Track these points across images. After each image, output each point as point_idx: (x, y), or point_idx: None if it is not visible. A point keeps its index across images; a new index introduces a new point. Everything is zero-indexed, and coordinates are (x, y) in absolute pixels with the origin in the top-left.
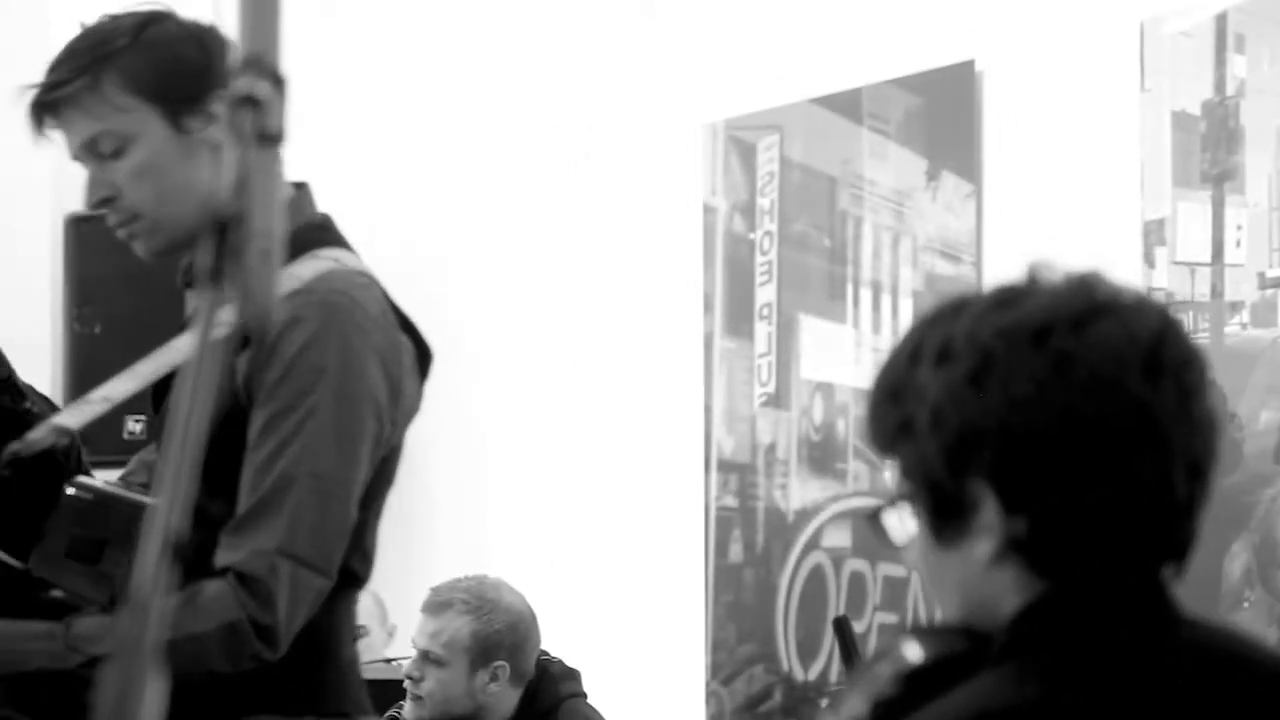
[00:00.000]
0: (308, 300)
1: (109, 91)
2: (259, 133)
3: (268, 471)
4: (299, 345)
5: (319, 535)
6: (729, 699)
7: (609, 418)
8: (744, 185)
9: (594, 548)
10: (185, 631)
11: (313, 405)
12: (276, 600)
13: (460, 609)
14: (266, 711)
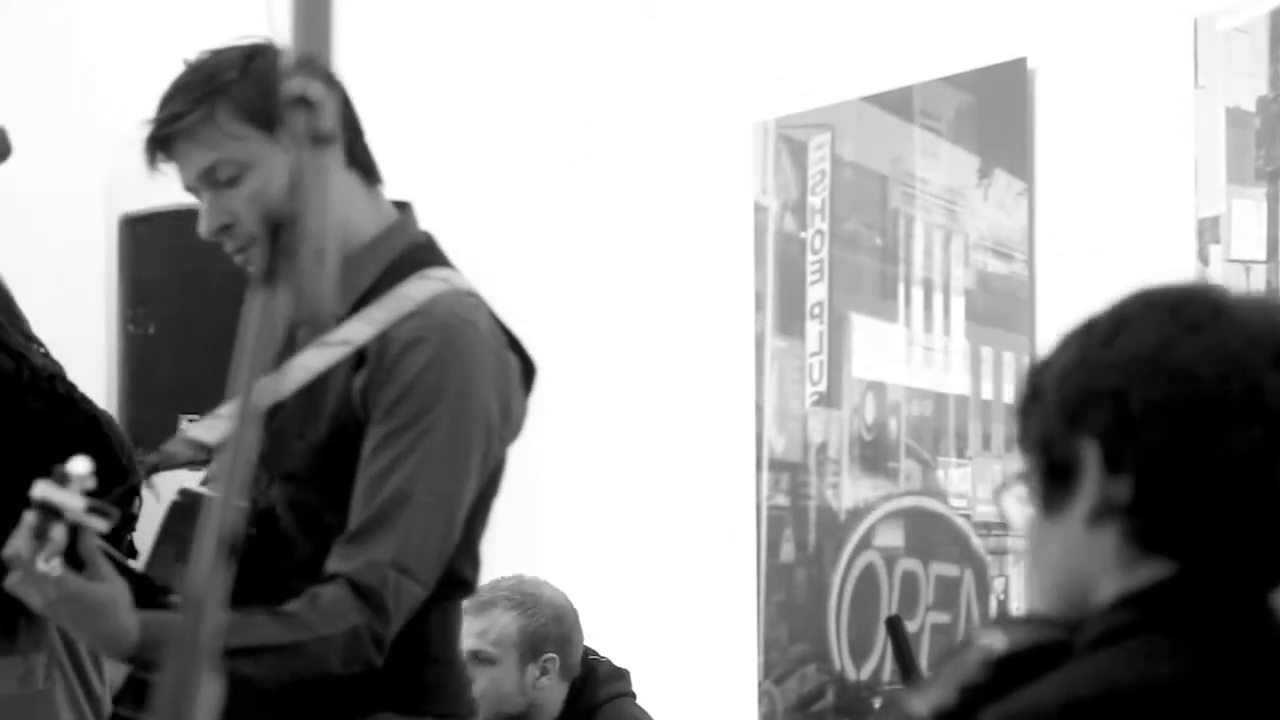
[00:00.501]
0: (426, 323)
1: (223, 121)
2: (312, 134)
3: (382, 486)
4: (419, 366)
5: (427, 550)
6: (781, 698)
7: (661, 417)
8: (795, 184)
9: (646, 547)
10: (317, 633)
11: (429, 424)
12: (389, 610)
13: (505, 605)
14: (390, 709)
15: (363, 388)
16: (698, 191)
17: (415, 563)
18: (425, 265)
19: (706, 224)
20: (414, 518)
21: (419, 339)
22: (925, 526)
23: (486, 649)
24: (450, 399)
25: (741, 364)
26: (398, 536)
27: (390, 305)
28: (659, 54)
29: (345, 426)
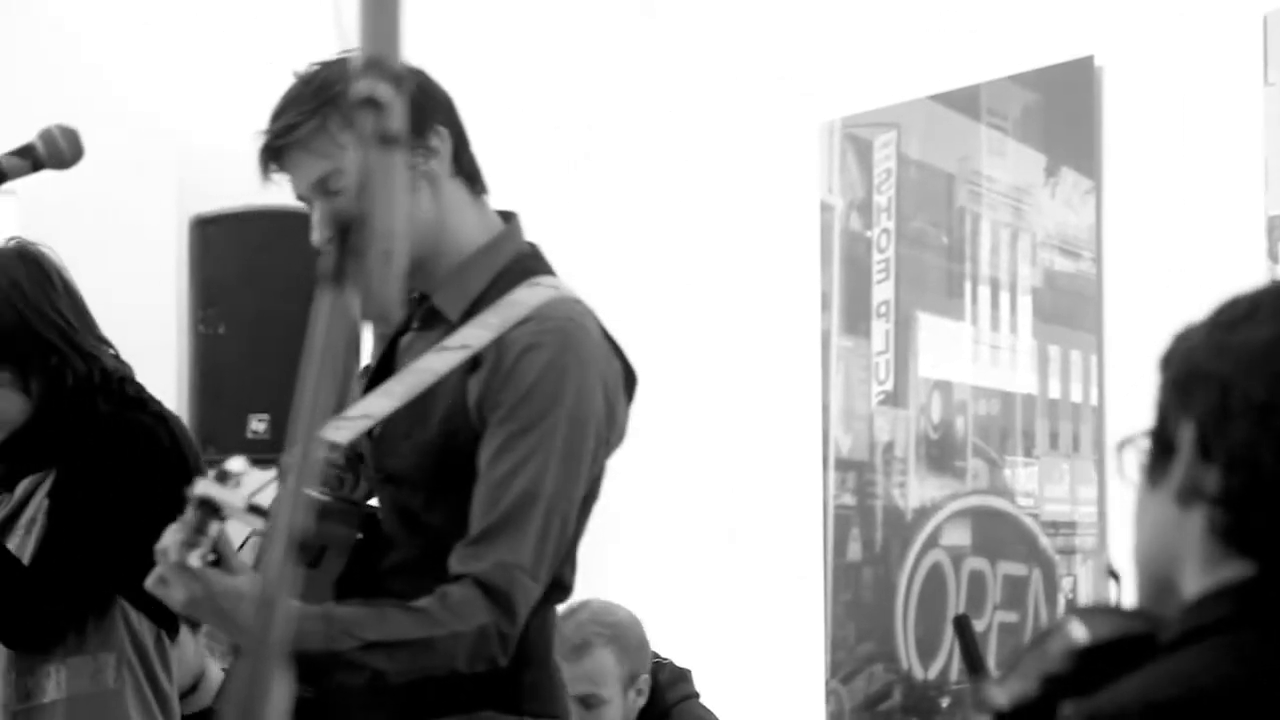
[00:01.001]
0: (543, 327)
1: (336, 132)
2: (380, 134)
3: (507, 488)
4: (538, 370)
5: (546, 551)
6: (848, 697)
7: (727, 417)
8: (861, 183)
9: (713, 547)
10: (448, 630)
11: (549, 427)
12: (516, 610)
13: (601, 643)
14: (492, 708)
15: (480, 392)
16: (764, 191)
17: (537, 565)
18: (533, 273)
19: (773, 223)
20: (537, 519)
21: (537, 343)
22: (992, 525)
23: (598, 692)
24: (568, 403)
25: (807, 363)
26: (524, 538)
27: (504, 311)
28: (727, 53)
29: (456, 430)
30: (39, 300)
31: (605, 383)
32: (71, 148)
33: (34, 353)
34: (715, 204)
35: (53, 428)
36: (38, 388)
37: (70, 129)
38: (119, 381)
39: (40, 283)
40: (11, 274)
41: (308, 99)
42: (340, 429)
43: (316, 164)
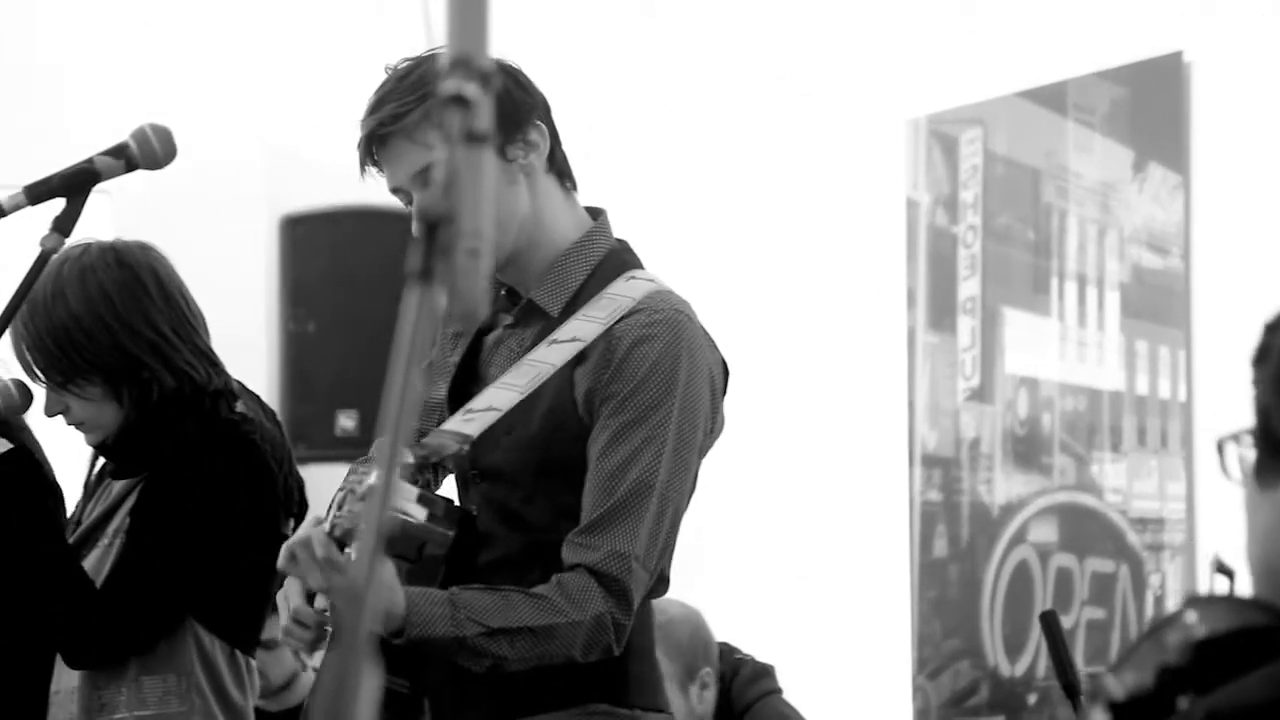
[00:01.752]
0: (653, 319)
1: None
2: (467, 132)
3: (621, 478)
4: (651, 360)
5: (659, 541)
6: (935, 694)
7: (813, 413)
8: (946, 179)
9: (798, 543)
10: (568, 618)
11: (662, 418)
12: (632, 600)
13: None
14: (603, 700)
15: (589, 385)
16: (850, 187)
17: (651, 555)
18: (628, 267)
19: (859, 220)
20: (652, 509)
21: (649, 335)
22: (1080, 522)
23: None
24: (680, 393)
25: (893, 360)
26: (638, 527)
27: (607, 304)
28: (813, 50)
29: (560, 424)
30: (129, 313)
31: (711, 374)
32: (164, 147)
33: (123, 366)
34: (802, 201)
35: (141, 439)
36: (129, 397)
37: (163, 128)
38: (211, 397)
39: (134, 293)
40: (104, 285)
41: (410, 89)
42: (470, 421)
43: (419, 154)
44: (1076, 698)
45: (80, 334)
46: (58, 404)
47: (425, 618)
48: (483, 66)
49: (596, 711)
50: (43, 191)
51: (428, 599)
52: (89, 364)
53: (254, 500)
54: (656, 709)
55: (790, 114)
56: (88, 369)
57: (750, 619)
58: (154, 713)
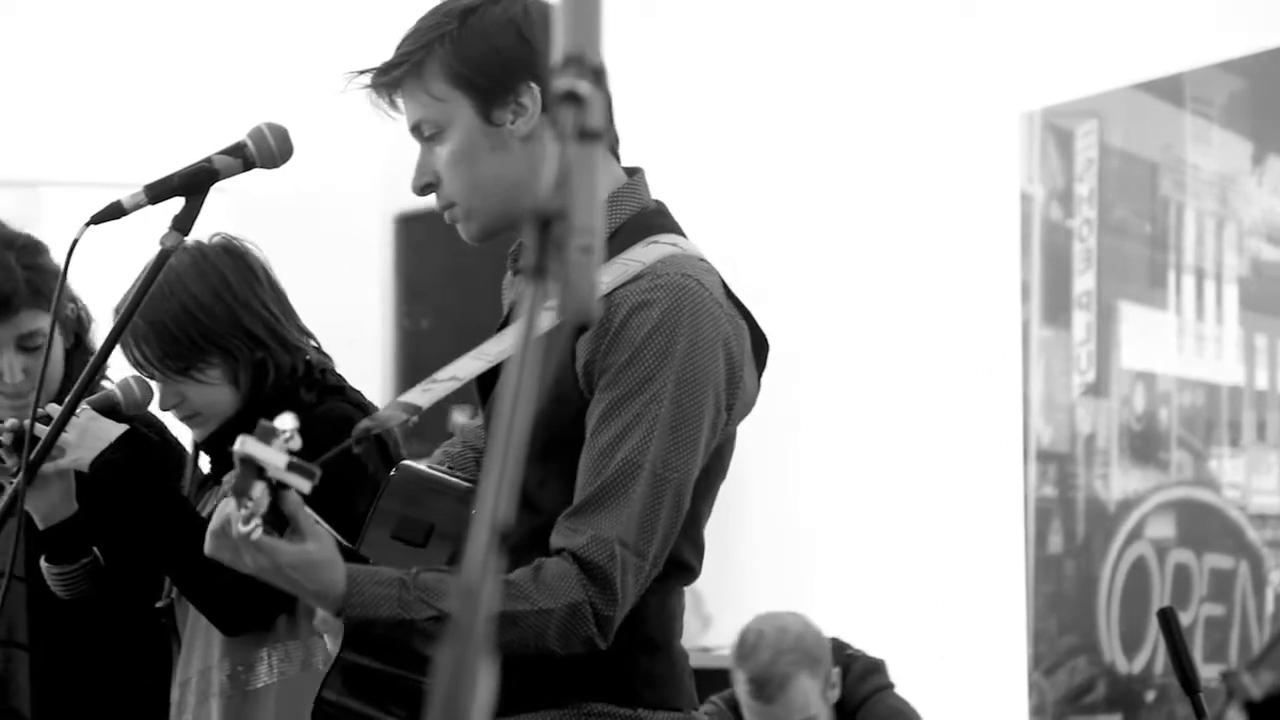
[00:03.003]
0: (655, 284)
1: (429, 80)
2: (579, 129)
3: (610, 457)
4: (648, 329)
5: (656, 527)
6: (1051, 690)
7: (927, 408)
8: (1061, 172)
9: (912, 538)
10: (536, 606)
11: (657, 391)
12: (616, 589)
13: (796, 671)
14: (601, 699)
15: (588, 355)
16: (964, 181)
17: (644, 540)
18: (656, 230)
19: (972, 214)
20: (643, 491)
21: (647, 301)
22: (1198, 518)
23: (809, 714)
24: (678, 362)
25: (1008, 354)
26: (627, 511)
27: (616, 269)
28: (927, 43)
29: (564, 397)
30: (245, 295)
31: (727, 343)
32: (281, 146)
33: (242, 346)
34: (917, 196)
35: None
36: (245, 380)
37: (280, 127)
38: (321, 372)
39: (246, 277)
40: (220, 269)
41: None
42: (427, 391)
43: (412, 109)
44: (1195, 695)
45: (202, 314)
46: (174, 396)
47: (368, 598)
48: (595, 64)
49: (592, 712)
50: (163, 190)
51: (373, 578)
52: (211, 344)
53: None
54: (671, 708)
55: (905, 108)
56: (209, 350)
57: (866, 615)
58: (299, 673)
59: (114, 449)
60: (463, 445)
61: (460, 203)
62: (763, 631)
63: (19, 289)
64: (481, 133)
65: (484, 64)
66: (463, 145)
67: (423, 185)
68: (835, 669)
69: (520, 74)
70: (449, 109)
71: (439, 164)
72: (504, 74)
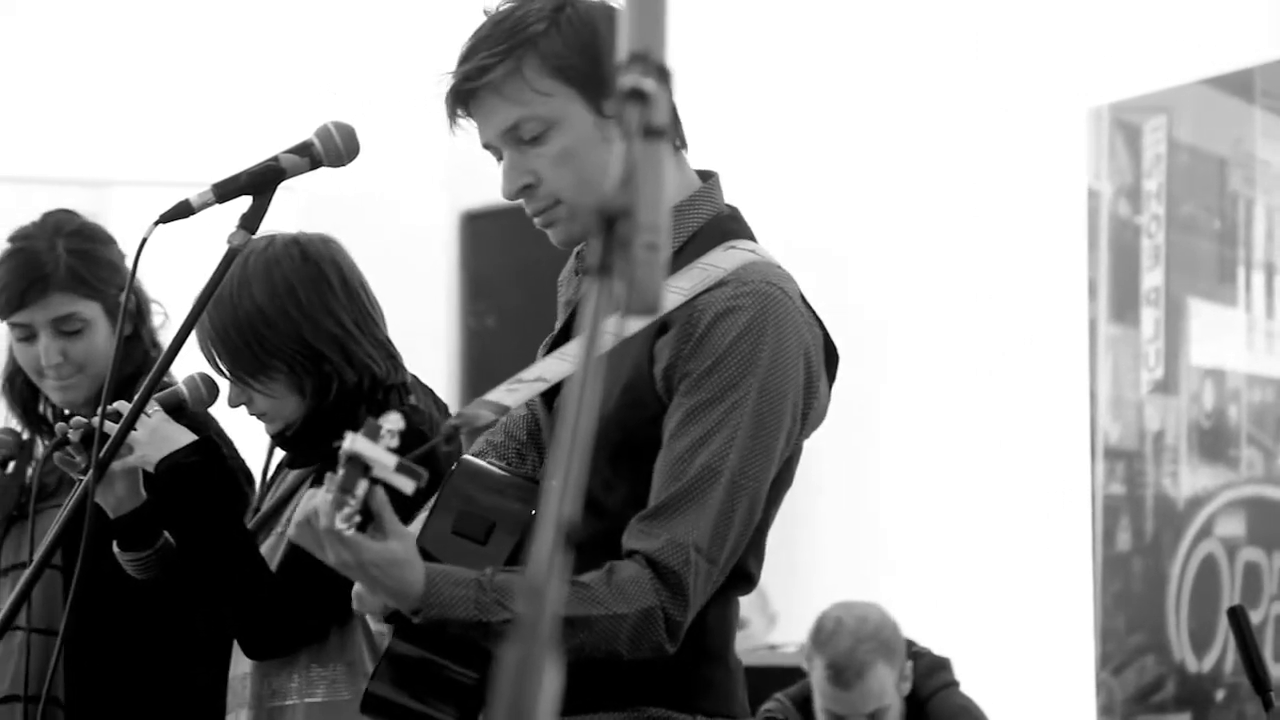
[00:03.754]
0: (740, 290)
1: (531, 76)
2: (645, 127)
3: (689, 462)
4: (733, 336)
5: (729, 534)
6: (1120, 689)
7: (994, 405)
8: (1129, 168)
9: (979, 535)
10: (610, 610)
11: (739, 399)
12: (688, 594)
13: (874, 659)
14: (660, 704)
15: (669, 359)
16: (1030, 177)
17: (717, 546)
18: (732, 236)
19: (1039, 210)
20: (720, 498)
21: (733, 307)
22: (1268, 515)
23: (884, 704)
24: (761, 371)
25: (1075, 351)
26: (703, 517)
27: (695, 274)
28: (994, 38)
29: (638, 400)
30: (314, 307)
31: (807, 353)
32: (348, 145)
33: (305, 359)
34: (983, 192)
35: (319, 430)
36: (310, 389)
37: (347, 126)
38: (386, 390)
39: (318, 286)
40: (289, 278)
41: (501, 38)
42: (514, 391)
43: (509, 110)
44: (1266, 694)
45: (265, 327)
46: (241, 395)
47: (446, 599)
48: (660, 61)
49: (652, 716)
50: (230, 189)
51: (450, 579)
52: (273, 356)
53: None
54: (727, 715)
55: (971, 103)
56: (271, 362)
57: (933, 613)
58: (323, 700)
59: (184, 453)
60: (505, 435)
61: (567, 200)
62: (842, 619)
63: (54, 272)
64: (593, 125)
65: (593, 54)
66: (573, 140)
67: (521, 187)
68: (909, 663)
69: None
70: (556, 104)
71: (541, 163)
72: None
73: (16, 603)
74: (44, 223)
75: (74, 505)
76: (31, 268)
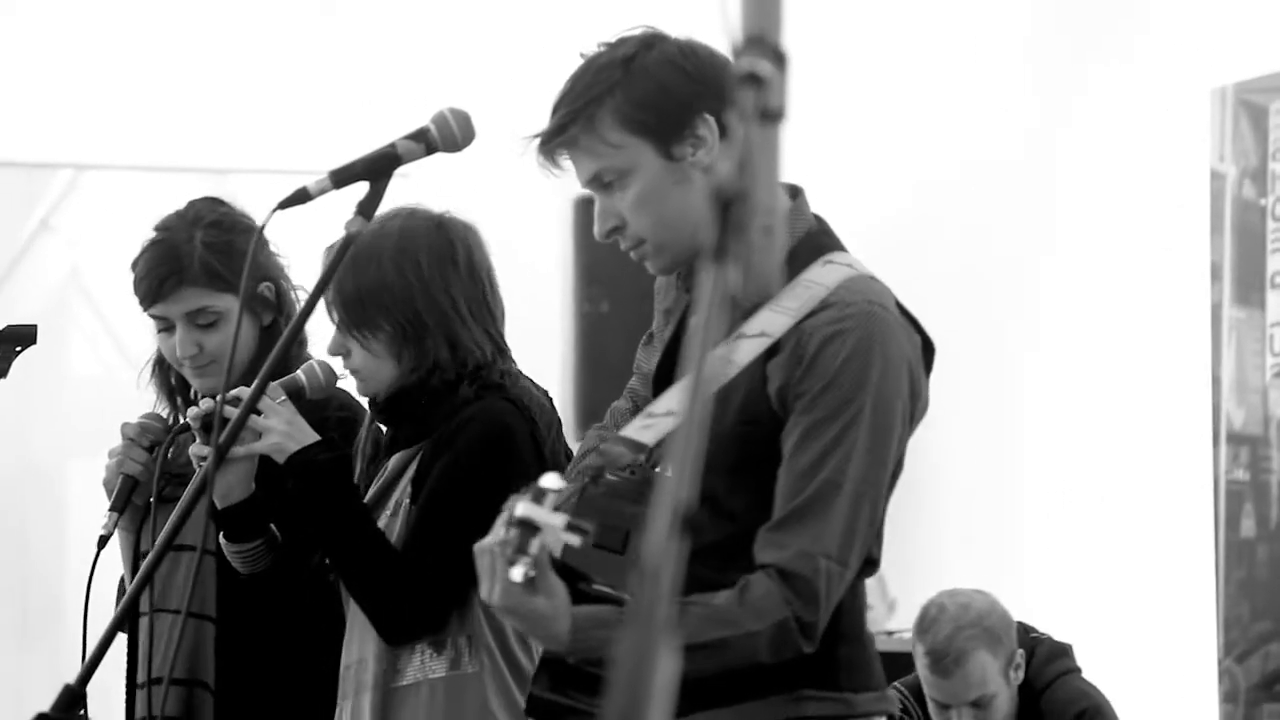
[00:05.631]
0: (844, 313)
1: (603, 131)
2: (761, 110)
3: (811, 477)
4: (842, 358)
5: (854, 538)
6: (1244, 677)
7: (1116, 390)
8: (1255, 150)
9: (1101, 522)
10: (743, 629)
11: (853, 415)
12: (820, 599)
13: (974, 646)
14: (810, 686)
15: (782, 381)
16: (1153, 159)
17: (845, 551)
18: (825, 250)
19: (1161, 192)
20: (844, 507)
21: (840, 331)
22: None
23: (988, 692)
24: (873, 389)
25: (1197, 335)
26: (829, 526)
27: (800, 293)
28: (1116, 17)
29: (755, 418)
30: (432, 279)
31: (909, 363)
32: (463, 131)
33: (411, 327)
34: (1104, 174)
35: (413, 406)
36: (409, 359)
37: (462, 112)
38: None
39: (443, 262)
40: (416, 246)
41: (579, 95)
42: (648, 428)
43: (589, 162)
44: None
45: (381, 284)
46: (341, 346)
47: (591, 641)
48: (776, 45)
49: (805, 697)
50: (347, 176)
51: (594, 621)
52: (380, 315)
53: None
54: (870, 688)
55: (1092, 83)
56: (377, 319)
57: (1054, 600)
58: (446, 674)
59: (317, 449)
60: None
61: (650, 239)
62: (944, 605)
63: (186, 266)
64: (664, 170)
65: (657, 104)
66: (647, 186)
67: (609, 230)
68: (1020, 651)
69: (693, 107)
70: (629, 154)
71: (622, 207)
72: (678, 110)
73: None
74: (185, 213)
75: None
76: (166, 261)
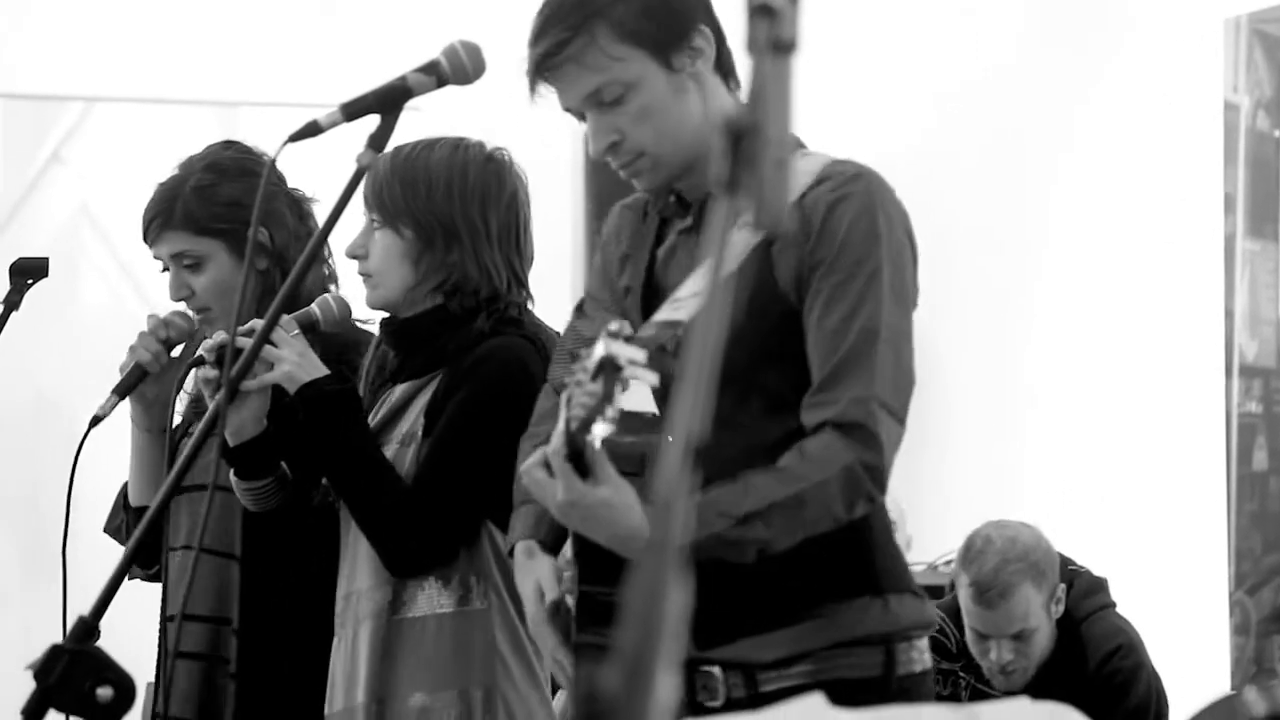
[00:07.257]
0: (842, 180)
1: (604, 43)
2: (773, 42)
3: (846, 332)
4: (850, 218)
5: (899, 384)
6: (1254, 609)
7: (1127, 322)
8: (1269, 81)
9: (1112, 455)
10: (811, 481)
11: (873, 269)
12: (881, 440)
13: (1020, 580)
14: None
15: (795, 258)
16: (1166, 90)
17: (893, 397)
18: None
19: (1174, 123)
20: (885, 352)
21: (843, 195)
22: None
23: (1030, 625)
24: (885, 242)
25: (1210, 267)
26: (876, 372)
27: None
28: None
29: (764, 309)
30: (473, 196)
31: (907, 229)
32: (474, 62)
33: (438, 232)
34: (1116, 104)
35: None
36: (425, 267)
37: (473, 44)
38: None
39: (488, 186)
40: (469, 165)
41: (573, 11)
42: (679, 308)
43: (589, 78)
44: None
45: (423, 183)
46: (360, 248)
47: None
48: None
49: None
50: (358, 108)
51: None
52: (409, 212)
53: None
54: (910, 590)
55: (1106, 14)
56: (405, 217)
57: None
58: (454, 609)
59: (327, 381)
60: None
61: (650, 151)
62: (991, 538)
63: (172, 210)
64: (666, 82)
65: (659, 16)
66: (651, 97)
67: (608, 145)
68: (1061, 585)
69: (691, 18)
70: (631, 67)
71: (622, 121)
72: (677, 20)
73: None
74: (201, 154)
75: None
76: (158, 204)
